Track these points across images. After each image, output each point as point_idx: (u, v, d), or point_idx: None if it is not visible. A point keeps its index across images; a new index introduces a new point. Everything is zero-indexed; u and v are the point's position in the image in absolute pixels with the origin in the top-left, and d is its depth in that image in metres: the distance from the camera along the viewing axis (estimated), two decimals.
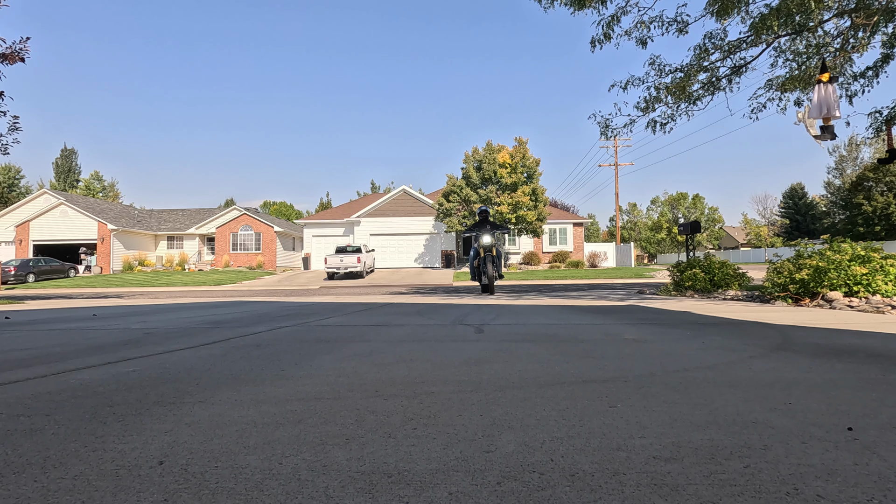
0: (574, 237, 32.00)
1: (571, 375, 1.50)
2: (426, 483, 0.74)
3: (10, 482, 0.76)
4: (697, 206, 61.50)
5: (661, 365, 1.66)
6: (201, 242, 36.83)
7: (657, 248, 60.85)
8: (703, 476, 0.75)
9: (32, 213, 32.89)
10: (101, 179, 58.04)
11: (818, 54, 7.57)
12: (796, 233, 52.15)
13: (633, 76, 8.38)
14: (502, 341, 2.29)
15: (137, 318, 3.90)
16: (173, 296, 11.36)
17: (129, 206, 42.97)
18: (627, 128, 8.80)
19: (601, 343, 2.20)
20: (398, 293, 9.83)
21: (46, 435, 0.98)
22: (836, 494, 0.69)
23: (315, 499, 0.69)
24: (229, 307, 5.47)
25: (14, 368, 1.73)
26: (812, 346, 2.07)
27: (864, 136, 8.63)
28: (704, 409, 1.12)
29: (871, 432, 0.94)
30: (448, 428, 1.00)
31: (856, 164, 52.05)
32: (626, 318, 3.40)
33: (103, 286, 20.72)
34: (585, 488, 0.72)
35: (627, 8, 7.65)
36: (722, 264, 6.98)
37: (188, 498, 0.70)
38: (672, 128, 8.57)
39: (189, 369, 1.67)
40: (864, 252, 4.88)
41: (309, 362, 1.78)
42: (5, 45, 8.38)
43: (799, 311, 3.90)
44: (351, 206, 34.44)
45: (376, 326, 3.03)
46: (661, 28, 7.82)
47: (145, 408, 1.18)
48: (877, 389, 1.29)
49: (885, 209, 41.65)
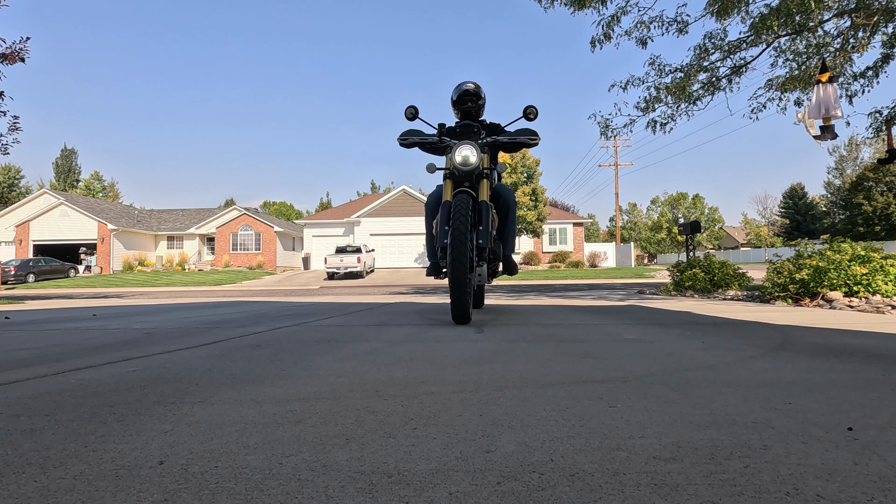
0: (574, 237, 32.02)
1: (571, 375, 1.50)
2: (426, 483, 0.74)
3: (10, 482, 0.76)
4: (697, 206, 61.51)
5: (661, 365, 1.66)
6: (201, 242, 36.83)
7: (657, 248, 60.85)
8: (703, 476, 0.75)
9: (32, 213, 32.89)
10: (101, 179, 58.05)
11: (818, 54, 7.58)
12: (796, 233, 52.15)
13: (633, 76, 8.39)
14: (502, 341, 2.29)
15: (137, 318, 3.91)
16: (173, 296, 11.36)
17: (129, 206, 42.98)
18: (627, 128, 8.81)
19: (601, 343, 2.20)
20: (398, 293, 9.83)
21: (46, 435, 0.98)
22: (836, 494, 0.69)
23: (315, 499, 0.69)
24: (229, 307, 5.47)
25: (14, 368, 1.73)
26: (812, 346, 2.07)
27: (864, 136, 8.64)
28: (704, 409, 1.12)
29: (871, 432, 0.94)
30: (448, 428, 1.00)
31: (856, 164, 52.03)
32: (626, 318, 3.40)
33: (103, 286, 20.72)
34: (585, 488, 0.72)
35: (627, 8, 7.66)
36: (722, 264, 6.98)
37: (188, 498, 0.70)
38: (672, 128, 8.58)
39: (189, 369, 1.67)
40: (864, 252, 4.88)
41: (309, 362, 1.78)
42: (5, 45, 8.38)
43: (799, 311, 3.90)
44: (351, 206, 34.46)
45: (376, 326, 3.03)
46: (661, 28, 7.83)
47: (145, 408, 1.18)
48: (877, 389, 1.29)
49: (885, 209, 41.65)
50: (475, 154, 3.09)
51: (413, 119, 3.32)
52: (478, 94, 3.51)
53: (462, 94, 3.48)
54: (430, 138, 3.39)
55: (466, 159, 3.08)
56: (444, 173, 3.23)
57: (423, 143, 3.45)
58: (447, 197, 3.11)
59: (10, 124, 8.94)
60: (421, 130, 3.46)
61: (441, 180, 3.31)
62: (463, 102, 3.48)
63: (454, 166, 3.12)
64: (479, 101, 3.52)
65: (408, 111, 3.29)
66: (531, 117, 3.24)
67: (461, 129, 3.35)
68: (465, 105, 3.47)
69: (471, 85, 3.51)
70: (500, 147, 3.46)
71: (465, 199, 2.91)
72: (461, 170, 3.10)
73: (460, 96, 3.49)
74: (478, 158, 3.08)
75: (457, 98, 3.50)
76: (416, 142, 3.46)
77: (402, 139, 3.43)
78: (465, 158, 3.08)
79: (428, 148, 3.57)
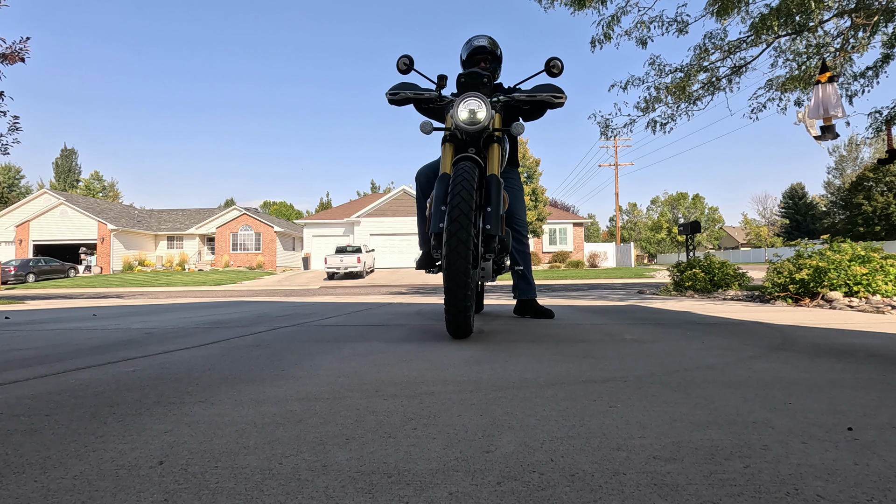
0: (574, 237, 32.01)
1: (571, 375, 1.50)
2: (426, 483, 0.74)
3: (10, 482, 0.76)
4: (697, 206, 61.52)
5: (661, 365, 1.66)
6: (201, 242, 36.83)
7: (657, 248, 60.86)
8: (703, 476, 0.75)
9: (32, 213, 32.89)
10: (101, 179, 58.07)
11: (818, 54, 7.58)
12: (796, 233, 52.16)
13: (633, 76, 8.40)
14: (502, 341, 2.29)
15: (137, 318, 3.90)
16: (173, 296, 11.36)
17: (129, 206, 42.98)
18: (627, 128, 8.82)
19: (601, 343, 2.20)
20: (398, 293, 9.83)
21: (46, 435, 0.98)
22: (836, 494, 0.69)
23: (315, 499, 0.69)
24: (229, 307, 5.47)
25: (14, 368, 1.73)
26: (812, 346, 2.07)
27: (864, 136, 8.63)
28: (704, 409, 1.12)
29: (871, 432, 0.94)
30: (448, 428, 1.00)
31: (856, 164, 52.04)
32: (626, 318, 3.40)
33: (103, 286, 20.72)
34: (585, 488, 0.72)
35: (627, 8, 7.67)
36: (722, 264, 6.99)
37: (188, 498, 0.70)
38: (672, 128, 8.59)
39: (189, 369, 1.67)
40: (864, 252, 4.88)
41: (309, 362, 1.78)
42: (5, 45, 8.39)
43: (799, 311, 3.90)
44: (351, 206, 34.46)
45: (376, 326, 3.03)
46: (661, 28, 7.83)
47: (145, 408, 1.18)
48: (877, 389, 1.29)
49: (885, 209, 41.66)
50: (484, 108, 2.36)
51: (407, 72, 2.63)
52: (494, 52, 2.89)
53: (473, 52, 2.87)
54: (426, 93, 2.71)
55: (473, 115, 2.36)
56: (444, 135, 2.55)
57: (419, 98, 2.73)
58: (446, 168, 2.43)
59: (10, 124, 8.95)
60: (416, 84, 2.76)
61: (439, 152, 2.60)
62: (474, 63, 2.88)
63: (456, 125, 2.42)
64: (494, 60, 2.92)
65: (400, 62, 2.60)
66: (555, 72, 2.56)
67: (467, 78, 2.52)
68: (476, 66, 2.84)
69: (484, 40, 2.87)
70: (517, 108, 2.75)
71: (470, 168, 2.23)
72: (466, 130, 2.38)
73: (471, 54, 2.88)
74: (487, 115, 2.36)
75: (466, 57, 2.91)
76: (409, 97, 2.74)
77: (392, 94, 2.73)
78: (472, 114, 2.36)
79: (424, 106, 2.84)
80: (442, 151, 2.53)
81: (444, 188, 2.30)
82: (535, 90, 2.69)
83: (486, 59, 2.89)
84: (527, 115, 2.82)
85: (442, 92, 2.68)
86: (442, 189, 2.31)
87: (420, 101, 2.80)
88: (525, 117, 2.82)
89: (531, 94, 2.67)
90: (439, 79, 2.62)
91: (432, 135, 2.55)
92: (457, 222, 2.08)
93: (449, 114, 2.60)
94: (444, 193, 2.28)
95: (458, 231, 2.07)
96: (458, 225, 2.08)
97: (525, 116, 2.82)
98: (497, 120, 2.56)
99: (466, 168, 2.22)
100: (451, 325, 2.23)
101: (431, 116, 2.88)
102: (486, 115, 2.37)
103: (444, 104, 2.71)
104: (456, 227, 2.08)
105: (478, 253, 2.33)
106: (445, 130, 2.56)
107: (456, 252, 2.07)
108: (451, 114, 2.49)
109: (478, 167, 2.34)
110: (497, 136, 2.51)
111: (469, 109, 2.38)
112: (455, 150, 2.49)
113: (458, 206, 2.10)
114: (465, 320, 2.21)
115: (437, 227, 2.27)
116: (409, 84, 2.75)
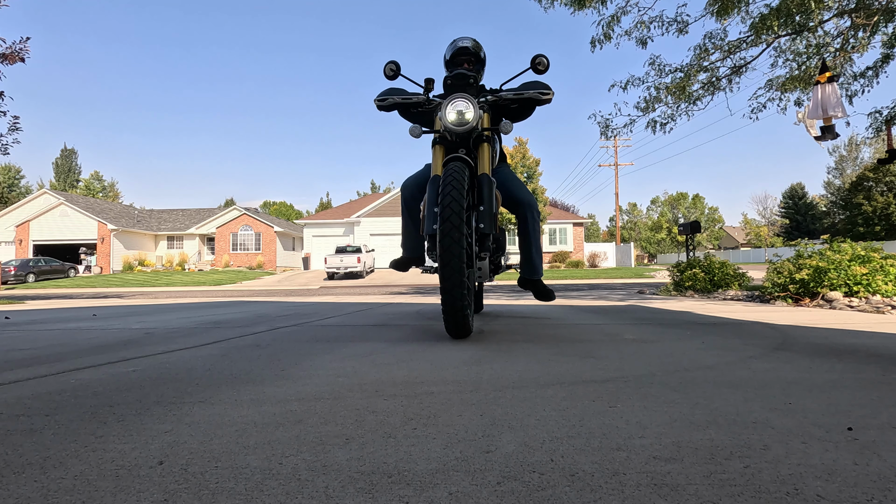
0: (574, 237, 32.00)
1: (571, 375, 1.50)
2: (426, 483, 0.74)
3: (10, 482, 0.76)
4: (697, 206, 61.55)
5: (661, 365, 1.66)
6: (201, 242, 36.82)
7: (657, 248, 60.88)
8: (703, 476, 0.75)
9: (32, 213, 32.89)
10: (101, 179, 58.07)
11: (818, 54, 7.58)
12: (796, 233, 52.16)
13: (633, 76, 8.40)
14: (502, 341, 2.29)
15: (137, 318, 3.91)
16: (173, 296, 11.36)
17: (129, 206, 42.99)
18: (627, 128, 8.82)
19: (601, 343, 2.20)
20: (398, 293, 9.83)
21: (46, 435, 0.98)
22: (836, 494, 0.69)
23: (315, 499, 0.69)
24: (229, 307, 5.47)
25: (14, 368, 1.73)
26: (812, 346, 2.07)
27: (864, 136, 8.64)
28: (704, 409, 1.12)
29: (871, 432, 0.94)
30: (448, 428, 1.00)
31: (856, 164, 52.05)
32: (627, 318, 3.40)
33: (103, 286, 20.73)
34: (585, 488, 0.72)
35: (627, 8, 7.67)
36: (722, 264, 6.99)
37: (188, 498, 0.70)
38: (672, 128, 8.59)
39: (189, 369, 1.67)
40: (864, 252, 4.88)
41: (309, 362, 1.78)
42: (5, 45, 8.39)
43: (799, 311, 3.90)
44: (351, 206, 34.46)
45: (376, 326, 3.03)
46: (661, 28, 7.83)
47: (145, 408, 1.18)
48: (877, 389, 1.29)
49: (885, 209, 41.65)
50: (472, 109, 2.41)
51: (394, 77, 2.69)
52: (477, 53, 2.91)
53: (457, 52, 2.88)
54: (414, 97, 2.76)
55: (461, 116, 2.41)
56: (434, 138, 2.61)
57: (406, 103, 2.78)
58: (437, 170, 2.48)
59: (10, 124, 8.95)
60: (404, 89, 2.81)
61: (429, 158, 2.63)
62: (457, 63, 2.88)
63: (445, 127, 2.47)
64: (477, 62, 2.93)
65: (387, 68, 2.66)
66: (541, 69, 2.60)
67: (453, 80, 2.61)
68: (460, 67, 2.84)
69: (468, 41, 2.90)
70: (504, 107, 2.78)
71: (460, 168, 2.26)
72: (455, 131, 2.45)
73: (454, 55, 2.89)
74: (475, 115, 2.42)
75: (450, 57, 2.91)
76: (396, 102, 2.79)
77: (380, 100, 2.80)
78: (460, 115, 2.41)
79: (411, 111, 2.86)
80: (432, 154, 2.59)
81: (435, 191, 2.34)
82: (522, 88, 2.71)
83: (469, 60, 2.91)
84: (515, 115, 2.85)
85: (430, 95, 2.73)
86: (434, 191, 2.36)
87: (406, 107, 2.83)
88: (514, 117, 2.85)
89: (518, 93, 2.69)
90: (426, 82, 2.69)
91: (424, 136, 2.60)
92: (448, 222, 2.11)
93: (438, 115, 2.63)
94: (436, 195, 2.32)
95: (450, 230, 2.10)
96: (451, 224, 2.11)
97: (514, 116, 2.85)
98: (486, 119, 2.62)
99: (456, 168, 2.26)
100: (450, 324, 2.26)
101: (420, 120, 2.91)
102: (474, 116, 2.42)
103: (433, 107, 2.76)
104: (448, 227, 2.10)
105: (472, 252, 2.36)
106: (435, 133, 2.61)
107: (450, 251, 2.09)
108: (440, 115, 2.52)
109: (468, 167, 2.38)
110: (486, 136, 2.56)
111: (457, 110, 2.43)
112: (445, 152, 2.54)
113: (450, 206, 2.13)
114: (464, 319, 2.23)
115: (430, 229, 2.32)
116: (396, 89, 2.82)
